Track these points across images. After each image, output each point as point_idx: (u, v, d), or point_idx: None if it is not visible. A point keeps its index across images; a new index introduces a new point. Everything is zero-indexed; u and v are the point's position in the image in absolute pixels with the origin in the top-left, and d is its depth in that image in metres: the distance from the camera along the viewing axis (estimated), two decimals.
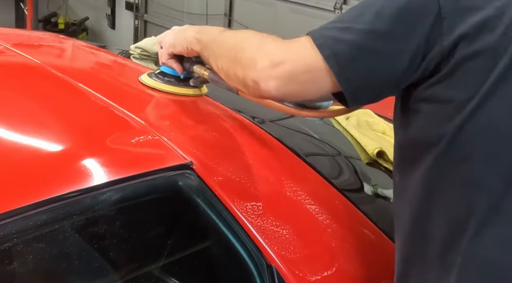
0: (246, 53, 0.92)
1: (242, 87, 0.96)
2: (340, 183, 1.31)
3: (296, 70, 0.87)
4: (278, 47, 0.90)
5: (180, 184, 1.05)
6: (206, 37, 1.10)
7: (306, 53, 0.87)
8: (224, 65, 0.99)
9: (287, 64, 0.87)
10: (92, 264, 0.97)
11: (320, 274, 1.07)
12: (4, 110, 1.13)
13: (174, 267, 1.06)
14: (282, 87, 0.88)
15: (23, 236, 0.87)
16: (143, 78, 1.35)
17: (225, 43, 1.02)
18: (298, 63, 0.87)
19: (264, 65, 0.88)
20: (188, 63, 1.26)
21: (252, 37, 0.96)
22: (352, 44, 0.84)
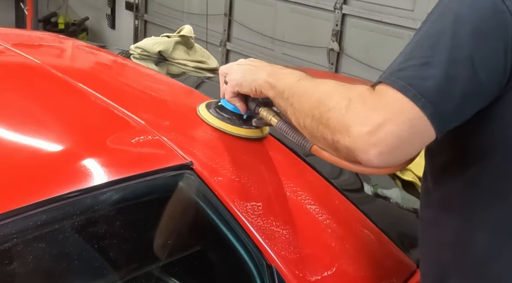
0: (334, 115, 0.82)
1: (332, 151, 0.87)
2: (340, 183, 1.31)
3: (399, 129, 0.78)
4: (369, 107, 0.80)
5: (180, 184, 1.05)
6: (281, 84, 0.99)
7: (399, 107, 0.78)
8: (308, 125, 0.89)
9: (387, 125, 0.77)
10: (92, 264, 0.97)
11: (320, 274, 1.07)
12: (4, 110, 1.13)
13: (174, 267, 1.06)
14: (385, 154, 0.78)
15: (23, 236, 0.87)
16: (202, 113, 1.22)
17: (306, 97, 0.91)
18: (399, 119, 0.78)
19: (359, 131, 0.79)
20: (253, 103, 1.14)
21: (335, 93, 0.85)
22: (438, 78, 0.78)
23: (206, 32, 4.22)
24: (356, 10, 3.60)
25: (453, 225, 0.92)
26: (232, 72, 1.13)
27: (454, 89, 0.78)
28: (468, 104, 0.80)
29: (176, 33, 1.96)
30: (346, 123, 0.80)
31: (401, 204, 1.48)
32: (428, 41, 0.81)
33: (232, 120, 1.19)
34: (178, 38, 1.93)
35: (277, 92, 0.99)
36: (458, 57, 0.78)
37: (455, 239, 0.92)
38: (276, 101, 1.00)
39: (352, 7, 3.64)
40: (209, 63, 1.99)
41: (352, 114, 0.80)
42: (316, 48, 3.81)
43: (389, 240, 1.22)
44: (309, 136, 0.92)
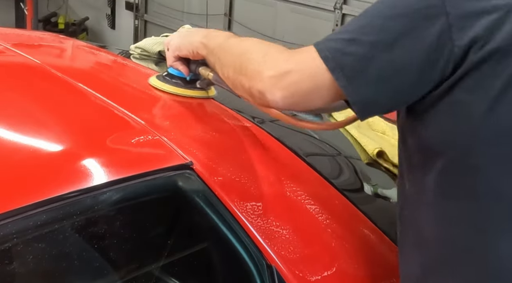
0: (252, 64, 0.93)
1: (249, 97, 0.97)
2: (340, 183, 1.31)
3: (301, 81, 0.87)
4: (283, 57, 0.90)
5: (180, 184, 1.05)
6: (212, 43, 1.11)
7: (312, 64, 0.86)
8: (230, 75, 1.00)
9: (292, 74, 0.87)
10: (92, 264, 0.97)
11: (320, 274, 1.07)
12: (4, 110, 1.13)
13: (174, 267, 1.06)
14: (288, 98, 0.88)
15: (23, 236, 0.87)
16: (152, 81, 1.37)
17: (231, 52, 1.03)
18: (304, 73, 0.87)
19: (269, 76, 0.89)
20: (194, 65, 1.28)
21: (257, 47, 0.96)
22: (358, 56, 0.83)
23: None
24: (356, 10, 3.60)
25: (429, 224, 0.92)
26: (172, 39, 1.27)
27: (370, 70, 0.82)
28: (385, 88, 0.84)
29: None
30: (260, 70, 0.91)
31: None
32: (363, 20, 0.86)
33: (178, 84, 1.33)
34: None
35: (209, 51, 1.12)
36: (383, 42, 0.82)
37: (431, 238, 0.92)
38: (208, 59, 1.13)
39: (352, 7, 3.64)
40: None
41: (267, 62, 0.91)
42: None
43: (389, 240, 1.22)
44: (231, 86, 1.03)
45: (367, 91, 0.84)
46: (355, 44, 0.83)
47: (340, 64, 0.83)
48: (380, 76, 0.83)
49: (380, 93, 0.85)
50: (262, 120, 1.45)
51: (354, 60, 0.83)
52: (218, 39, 1.10)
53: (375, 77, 0.83)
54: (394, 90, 0.84)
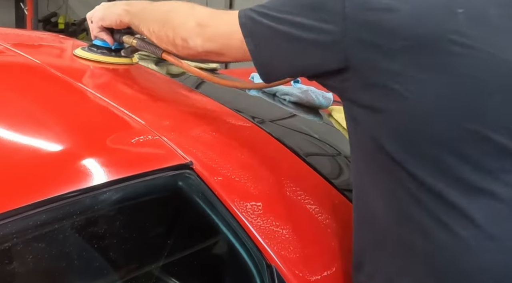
0: (179, 15, 1.09)
1: (172, 47, 1.12)
2: (340, 183, 1.31)
3: (218, 33, 1.03)
4: (208, 13, 1.06)
5: (180, 184, 1.05)
6: (135, 8, 1.24)
7: (230, 25, 1.00)
8: (156, 28, 1.14)
9: (211, 27, 1.04)
10: (92, 264, 0.97)
11: (320, 274, 1.07)
12: (4, 110, 1.13)
13: (174, 267, 1.06)
14: (206, 46, 1.05)
15: (23, 236, 0.87)
16: (78, 52, 1.45)
17: (157, 10, 1.16)
18: (221, 30, 1.03)
19: (194, 25, 1.05)
20: (118, 34, 1.38)
21: (184, 4, 1.11)
22: (267, 28, 0.95)
23: None
24: None
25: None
26: (95, 12, 1.38)
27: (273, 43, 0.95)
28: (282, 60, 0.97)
29: None
30: (186, 19, 1.06)
31: None
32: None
33: (103, 53, 1.42)
34: None
35: (132, 15, 1.23)
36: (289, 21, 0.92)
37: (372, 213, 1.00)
38: (132, 23, 1.24)
39: None
40: (209, 63, 1.99)
41: (193, 14, 1.07)
42: None
43: None
44: (155, 39, 1.17)
45: (268, 60, 0.98)
46: (268, 18, 0.95)
47: (251, 31, 0.97)
48: (280, 50, 0.95)
49: (278, 63, 0.98)
50: (262, 120, 1.45)
51: (263, 31, 0.96)
52: (141, 4, 1.23)
53: (276, 50, 0.96)
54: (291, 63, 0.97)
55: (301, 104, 1.74)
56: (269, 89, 1.77)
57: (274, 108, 1.73)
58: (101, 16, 1.34)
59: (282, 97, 1.75)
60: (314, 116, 1.74)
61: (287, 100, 1.74)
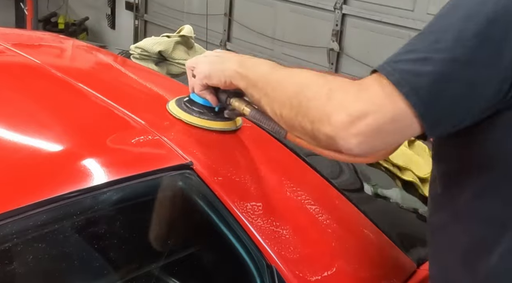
0: (314, 104, 0.82)
1: (311, 140, 0.86)
2: (340, 183, 1.31)
3: (380, 121, 0.76)
4: (352, 96, 0.78)
5: (180, 184, 1.05)
6: (252, 74, 0.97)
7: (386, 99, 0.76)
8: (285, 115, 0.88)
9: (369, 117, 0.76)
10: (92, 264, 0.97)
11: (320, 274, 1.07)
12: (4, 110, 1.13)
13: (174, 267, 1.06)
14: (365, 143, 0.78)
15: (23, 236, 0.87)
16: (172, 109, 1.20)
17: (282, 87, 0.90)
18: (381, 112, 0.76)
19: (341, 121, 0.77)
20: (224, 95, 1.12)
21: (314, 82, 0.85)
22: (433, 76, 0.75)
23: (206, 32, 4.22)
24: (356, 10, 3.61)
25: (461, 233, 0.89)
26: (199, 65, 1.11)
27: (447, 91, 0.75)
28: (461, 108, 0.77)
29: (176, 33, 1.96)
30: (327, 112, 0.79)
31: (401, 204, 1.48)
32: (432, 36, 0.78)
33: (203, 113, 1.17)
34: (178, 38, 1.93)
35: (249, 82, 0.98)
36: (459, 59, 0.75)
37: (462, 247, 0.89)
38: (248, 92, 0.99)
39: (352, 7, 3.64)
40: None
41: (334, 102, 0.79)
42: (316, 48, 3.81)
43: (389, 240, 1.22)
44: (286, 126, 0.91)
45: (442, 113, 0.77)
46: (429, 63, 0.76)
47: (414, 87, 0.75)
48: (456, 96, 0.76)
49: (453, 114, 0.78)
50: None
51: (429, 81, 0.75)
52: (260, 69, 0.97)
53: (451, 98, 0.76)
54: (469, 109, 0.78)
55: None
56: None
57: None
58: (207, 73, 1.08)
59: None
60: None
61: None
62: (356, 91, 0.79)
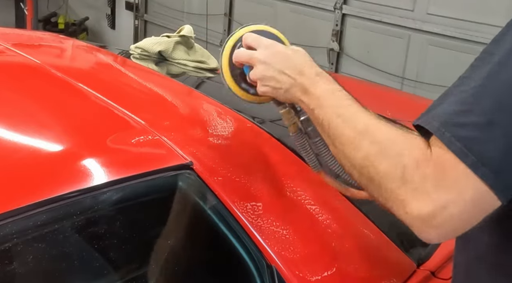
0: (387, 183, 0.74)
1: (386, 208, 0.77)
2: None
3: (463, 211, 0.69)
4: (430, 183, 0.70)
5: (180, 184, 1.05)
6: (319, 110, 0.87)
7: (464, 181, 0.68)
8: (356, 177, 0.81)
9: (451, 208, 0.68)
10: (92, 264, 0.97)
11: (320, 274, 1.07)
12: (4, 110, 1.13)
13: (174, 267, 1.06)
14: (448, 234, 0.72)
15: (23, 236, 0.87)
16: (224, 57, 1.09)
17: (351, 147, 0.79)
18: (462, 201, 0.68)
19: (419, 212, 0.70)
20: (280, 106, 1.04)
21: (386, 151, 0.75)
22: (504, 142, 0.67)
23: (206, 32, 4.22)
24: (356, 10, 3.60)
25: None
26: (259, 60, 0.97)
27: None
28: None
29: (176, 33, 1.97)
30: (403, 198, 0.71)
31: None
32: (497, 92, 0.68)
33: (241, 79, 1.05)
34: (178, 38, 1.93)
35: (314, 118, 0.89)
36: None
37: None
38: (314, 122, 0.90)
39: (352, 7, 3.64)
40: (209, 63, 1.99)
41: (409, 188, 0.71)
42: (316, 48, 3.81)
43: (389, 240, 1.22)
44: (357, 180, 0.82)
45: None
46: (496, 128, 0.67)
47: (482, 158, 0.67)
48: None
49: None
50: (262, 120, 1.45)
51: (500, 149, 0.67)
52: (326, 104, 0.86)
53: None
54: None
55: None
56: None
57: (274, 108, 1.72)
58: (266, 82, 0.96)
59: None
60: None
61: None
62: (433, 174, 0.70)
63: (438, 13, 3.22)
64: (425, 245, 1.32)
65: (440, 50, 3.18)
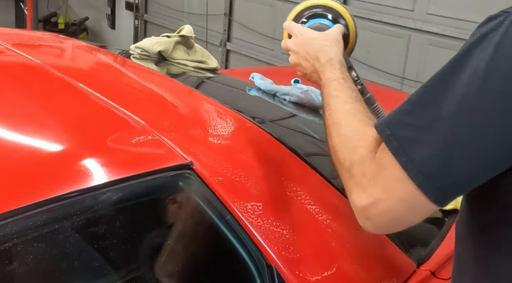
0: (340, 172, 0.84)
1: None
2: (340, 183, 1.31)
3: (393, 208, 0.74)
4: (366, 180, 0.77)
5: (180, 184, 1.05)
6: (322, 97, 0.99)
7: (395, 182, 0.73)
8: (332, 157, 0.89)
9: (380, 205, 0.75)
10: (92, 264, 0.97)
11: (320, 274, 1.07)
12: (4, 110, 1.13)
13: (174, 267, 1.06)
14: (380, 228, 0.79)
15: (23, 236, 0.87)
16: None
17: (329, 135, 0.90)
18: (391, 200, 0.74)
19: (356, 203, 0.78)
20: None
21: (343, 143, 0.84)
22: (437, 146, 0.70)
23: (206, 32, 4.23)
24: (356, 10, 3.60)
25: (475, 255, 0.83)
26: (290, 48, 1.13)
27: (454, 162, 0.70)
28: (472, 177, 0.72)
29: (176, 33, 1.97)
30: (349, 188, 0.80)
31: None
32: (436, 95, 0.72)
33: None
34: (178, 38, 1.93)
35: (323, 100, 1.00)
36: (468, 124, 0.69)
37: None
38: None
39: (352, 7, 3.64)
40: (209, 63, 1.99)
41: (353, 181, 0.79)
42: None
43: (389, 240, 1.22)
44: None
45: (449, 182, 0.71)
46: (431, 132, 0.70)
47: (413, 158, 0.71)
48: (468, 167, 0.70)
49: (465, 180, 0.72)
50: (262, 120, 1.45)
51: (431, 152, 0.70)
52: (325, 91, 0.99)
53: (461, 169, 0.70)
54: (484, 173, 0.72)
55: (301, 104, 1.74)
56: (269, 89, 1.77)
57: (274, 108, 1.73)
58: (293, 62, 1.12)
59: (282, 97, 1.75)
60: (314, 116, 1.74)
61: (287, 100, 1.74)
62: (372, 172, 0.76)
63: (438, 13, 3.23)
64: (425, 245, 1.32)
65: (440, 50, 3.18)
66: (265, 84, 1.78)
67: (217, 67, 2.02)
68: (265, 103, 1.73)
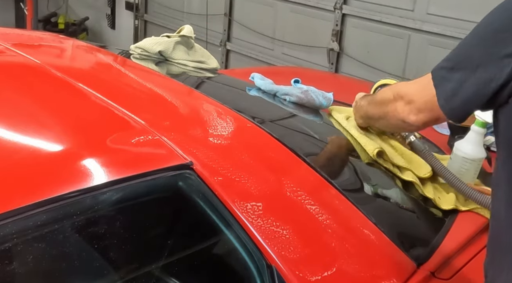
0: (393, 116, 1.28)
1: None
2: (340, 183, 1.31)
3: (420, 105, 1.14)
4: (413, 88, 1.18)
5: (180, 184, 1.05)
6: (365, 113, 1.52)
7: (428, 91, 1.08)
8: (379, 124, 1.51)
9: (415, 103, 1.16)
10: (92, 264, 0.97)
11: (320, 274, 1.07)
12: (4, 110, 1.13)
13: (174, 267, 1.06)
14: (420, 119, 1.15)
15: (23, 236, 0.87)
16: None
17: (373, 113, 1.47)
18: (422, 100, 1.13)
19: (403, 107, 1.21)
20: None
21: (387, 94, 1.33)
22: (454, 81, 1.02)
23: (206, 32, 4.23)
24: (356, 10, 3.60)
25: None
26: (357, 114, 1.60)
27: (461, 93, 1.01)
28: (473, 102, 1.00)
29: (176, 33, 1.96)
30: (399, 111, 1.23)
31: (401, 204, 1.48)
32: (464, 47, 1.03)
33: None
34: (178, 38, 1.93)
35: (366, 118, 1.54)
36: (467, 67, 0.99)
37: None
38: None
39: (352, 7, 3.64)
40: (209, 63, 1.99)
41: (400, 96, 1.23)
42: (316, 48, 3.81)
43: (389, 240, 1.22)
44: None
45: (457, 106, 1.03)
46: (454, 72, 1.02)
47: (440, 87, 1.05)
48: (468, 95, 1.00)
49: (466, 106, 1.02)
50: (262, 120, 1.45)
51: (450, 84, 1.02)
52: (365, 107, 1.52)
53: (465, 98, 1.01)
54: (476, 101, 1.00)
55: (301, 104, 1.74)
56: (269, 89, 1.77)
57: (274, 108, 1.73)
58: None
59: (282, 97, 1.75)
60: (314, 116, 1.74)
61: (287, 100, 1.74)
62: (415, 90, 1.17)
63: (438, 13, 3.22)
64: (425, 245, 1.32)
65: (440, 50, 3.18)
66: (265, 84, 1.79)
67: (217, 67, 2.02)
68: (265, 103, 1.73)
